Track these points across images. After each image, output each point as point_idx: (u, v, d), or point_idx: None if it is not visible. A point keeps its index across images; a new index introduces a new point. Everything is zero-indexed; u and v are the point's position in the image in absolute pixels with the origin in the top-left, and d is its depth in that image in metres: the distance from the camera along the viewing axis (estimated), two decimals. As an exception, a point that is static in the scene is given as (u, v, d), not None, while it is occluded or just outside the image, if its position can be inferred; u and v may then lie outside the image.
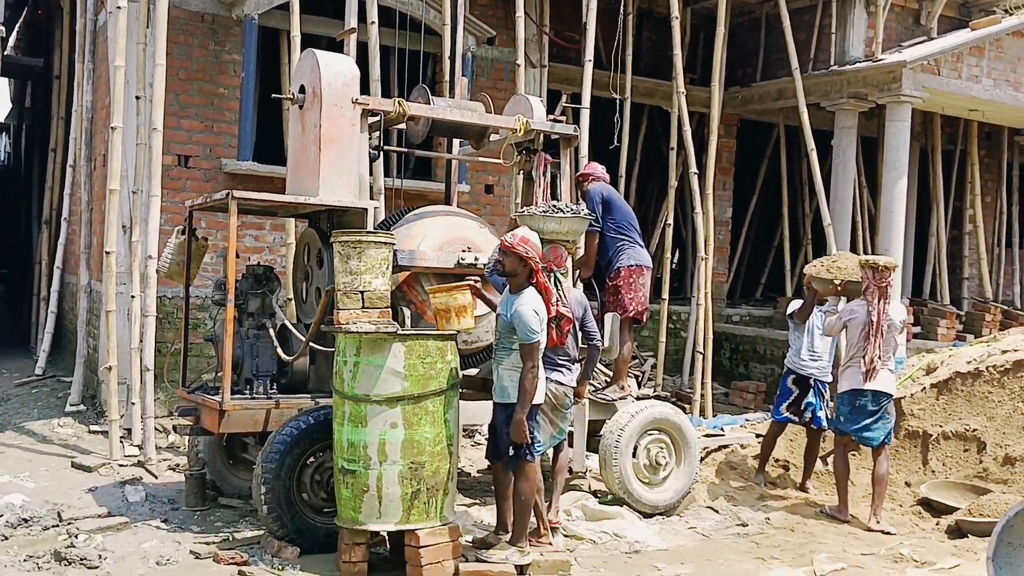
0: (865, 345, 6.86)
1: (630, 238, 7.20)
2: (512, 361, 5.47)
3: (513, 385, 5.41)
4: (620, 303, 7.12)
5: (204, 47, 9.20)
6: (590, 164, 7.65)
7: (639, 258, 7.19)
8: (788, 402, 7.63)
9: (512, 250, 5.43)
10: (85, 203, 9.77)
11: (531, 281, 5.47)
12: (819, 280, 7.32)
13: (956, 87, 11.50)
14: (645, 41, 12.89)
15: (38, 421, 8.60)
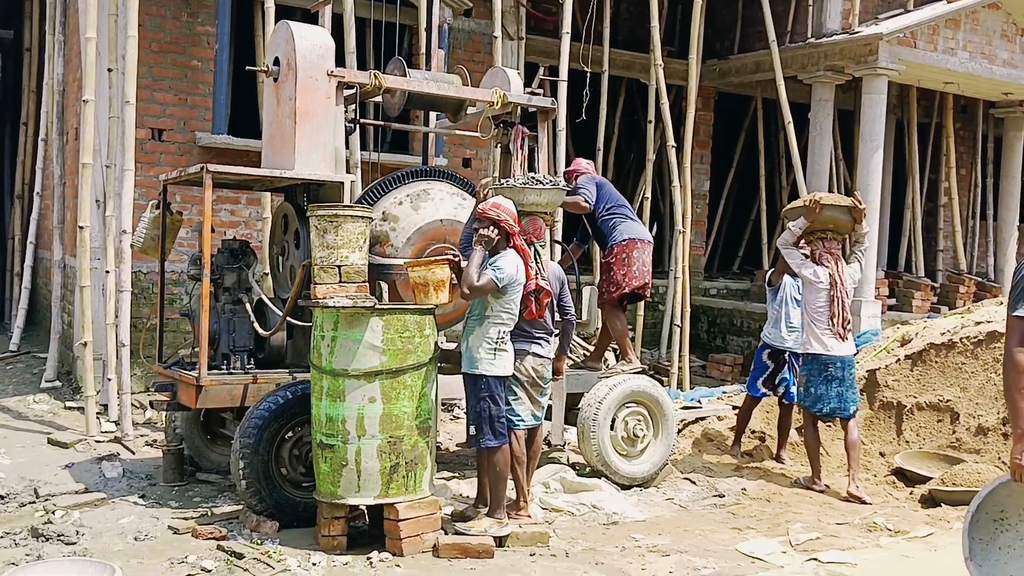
0: (831, 307, 6.89)
1: (621, 215, 7.18)
2: (482, 331, 5.52)
3: (481, 356, 5.48)
4: (613, 280, 7.06)
5: (177, 18, 9.07)
6: (576, 160, 7.61)
7: (631, 232, 7.12)
8: (764, 377, 7.66)
9: (485, 215, 5.54)
10: (58, 177, 9.65)
11: (509, 245, 5.56)
12: (793, 211, 7.19)
13: (932, 60, 11.54)
14: (623, 13, 12.85)
15: (13, 398, 8.53)
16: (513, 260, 5.54)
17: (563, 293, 6.22)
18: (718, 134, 13.86)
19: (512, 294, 5.55)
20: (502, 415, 5.54)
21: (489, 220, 5.55)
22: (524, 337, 5.79)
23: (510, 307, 5.56)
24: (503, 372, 5.56)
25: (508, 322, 5.58)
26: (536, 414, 5.91)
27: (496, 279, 5.44)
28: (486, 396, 5.50)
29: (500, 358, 5.54)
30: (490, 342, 5.52)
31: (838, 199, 7.14)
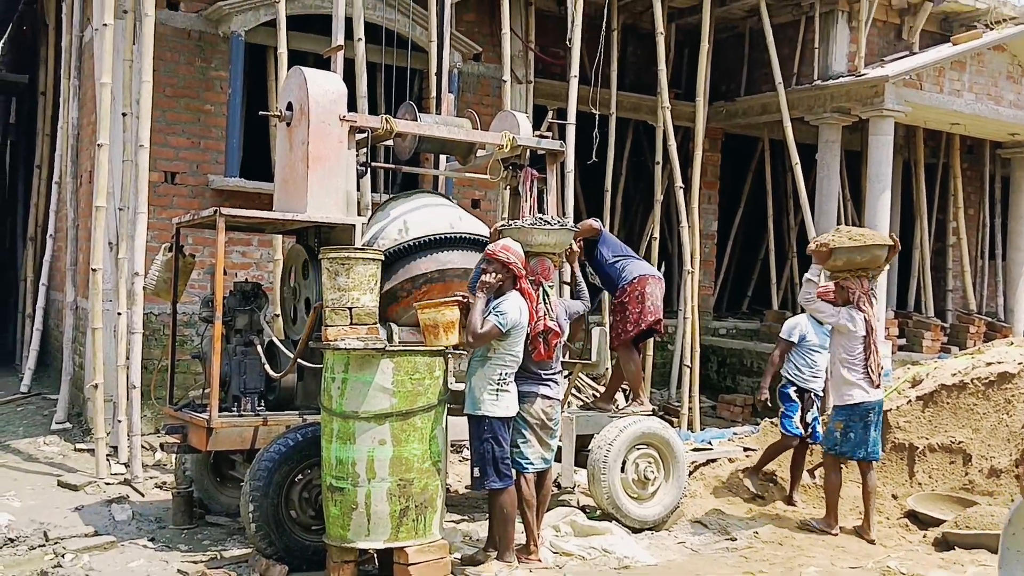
0: (867, 355, 6.74)
1: (630, 256, 7.23)
2: (484, 372, 5.55)
3: (484, 397, 5.51)
4: (628, 319, 7.06)
5: (191, 64, 9.21)
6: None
7: (641, 269, 7.16)
8: (799, 414, 7.55)
9: (494, 257, 5.59)
10: (71, 220, 9.74)
11: (515, 287, 5.60)
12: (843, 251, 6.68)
13: (938, 101, 11.61)
14: (630, 56, 12.97)
15: (23, 439, 8.54)
16: (516, 303, 5.57)
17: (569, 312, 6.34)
18: (726, 174, 13.93)
19: (515, 336, 5.57)
20: (506, 456, 5.53)
21: (499, 262, 5.58)
22: (532, 379, 5.79)
23: (513, 349, 5.58)
24: (506, 413, 5.56)
25: (511, 363, 5.59)
26: (546, 457, 5.89)
27: (499, 324, 5.46)
28: (489, 437, 5.50)
29: (503, 399, 5.54)
30: (492, 383, 5.53)
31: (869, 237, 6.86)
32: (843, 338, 6.81)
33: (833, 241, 6.75)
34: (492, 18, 10.58)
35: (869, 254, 6.74)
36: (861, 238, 6.81)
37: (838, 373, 6.85)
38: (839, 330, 6.82)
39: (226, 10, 9.01)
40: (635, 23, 12.51)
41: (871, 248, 6.74)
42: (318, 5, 9.29)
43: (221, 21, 9.15)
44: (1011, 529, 3.80)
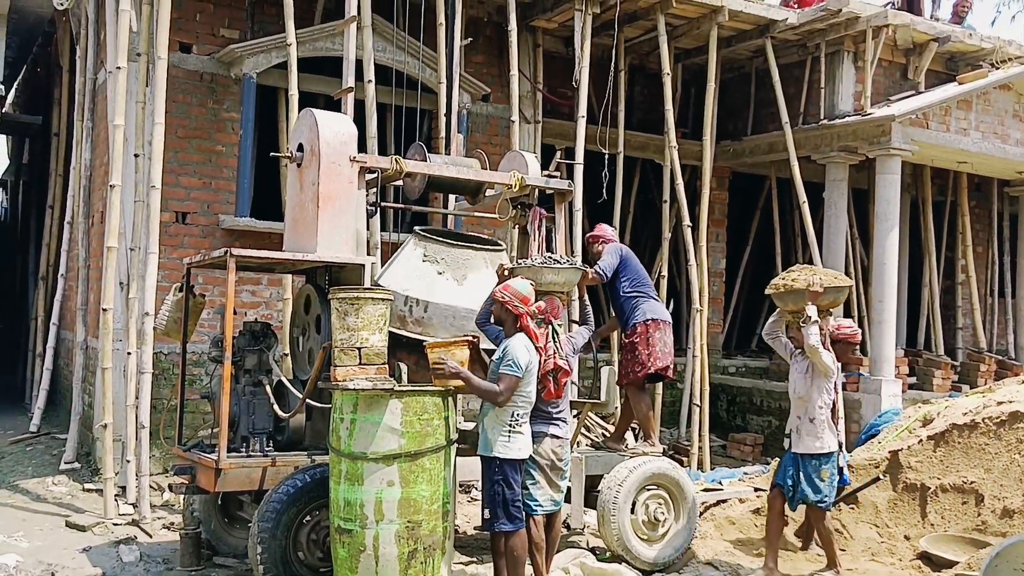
0: (835, 398, 6.59)
1: (644, 294, 7.20)
2: (496, 413, 5.53)
3: (496, 438, 5.48)
4: (638, 360, 7.05)
5: (203, 105, 9.31)
6: (599, 226, 7.60)
7: (654, 312, 7.13)
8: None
9: (494, 298, 5.71)
10: (82, 260, 9.81)
11: (518, 327, 5.62)
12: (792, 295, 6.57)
13: (945, 140, 11.65)
14: (637, 96, 13.06)
15: (32, 479, 8.54)
16: (521, 343, 5.55)
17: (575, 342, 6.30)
18: (733, 212, 13.96)
19: (526, 377, 5.55)
20: (517, 499, 5.50)
21: (499, 304, 5.65)
22: (542, 418, 5.78)
23: (524, 389, 5.56)
24: (518, 455, 5.53)
25: (523, 404, 5.56)
26: (555, 499, 5.86)
27: (514, 373, 5.44)
28: (500, 479, 5.48)
29: (515, 440, 5.52)
30: (505, 424, 5.51)
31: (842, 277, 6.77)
32: (826, 382, 6.58)
33: (823, 281, 6.57)
34: (500, 59, 10.69)
35: (843, 295, 6.77)
36: (838, 278, 6.75)
37: (820, 419, 6.57)
38: (826, 374, 6.56)
39: (238, 53, 9.13)
40: (642, 63, 12.62)
41: (844, 289, 6.73)
42: (329, 48, 9.40)
43: (233, 64, 9.26)
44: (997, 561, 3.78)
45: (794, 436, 6.69)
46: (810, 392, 6.59)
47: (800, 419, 6.65)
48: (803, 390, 6.64)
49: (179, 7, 8.92)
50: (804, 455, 6.61)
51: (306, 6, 9.57)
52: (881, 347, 11.27)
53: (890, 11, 11.57)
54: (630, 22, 11.03)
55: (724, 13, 10.84)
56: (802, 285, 6.54)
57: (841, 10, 11.14)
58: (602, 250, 7.29)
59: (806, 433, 6.60)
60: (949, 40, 12.13)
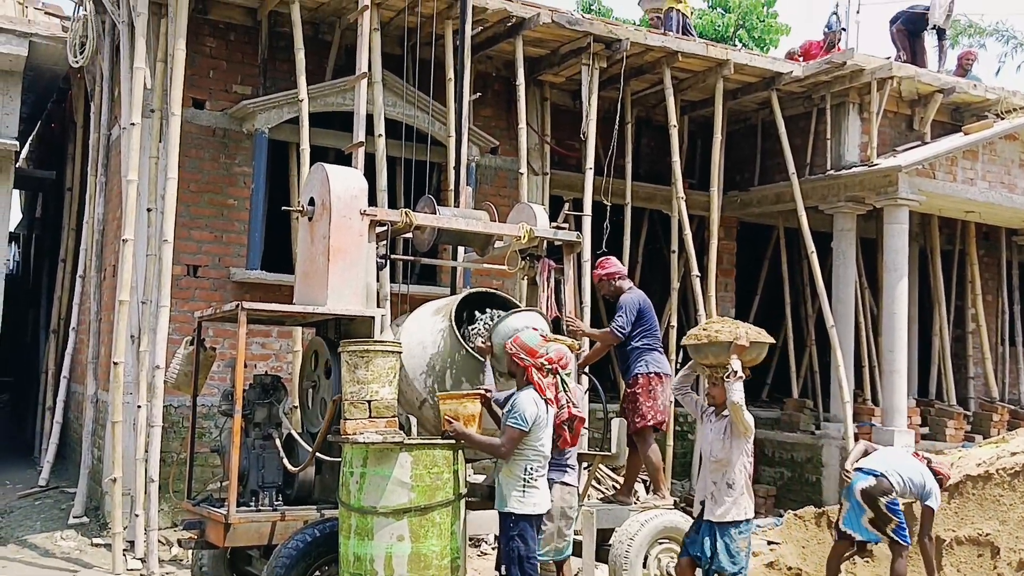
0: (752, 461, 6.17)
1: (651, 345, 7.20)
2: (510, 468, 5.50)
3: (511, 493, 5.44)
4: (639, 411, 7.05)
5: (215, 160, 9.43)
6: (609, 260, 7.51)
7: (659, 366, 7.14)
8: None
9: (506, 350, 5.71)
10: (94, 313, 9.86)
11: (526, 380, 5.61)
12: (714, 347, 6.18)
13: (952, 190, 11.69)
14: (644, 147, 13.17)
15: (41, 534, 8.50)
16: (530, 397, 5.51)
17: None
18: (742, 262, 13.98)
19: (537, 431, 5.50)
20: (533, 555, 5.44)
21: (508, 357, 5.67)
22: (553, 466, 5.74)
23: (536, 444, 5.50)
24: (534, 511, 5.47)
25: (535, 458, 5.50)
26: (559, 547, 5.81)
27: (519, 426, 5.42)
28: (515, 535, 5.43)
29: (530, 495, 5.46)
30: (518, 479, 5.47)
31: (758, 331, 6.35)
32: (746, 443, 6.15)
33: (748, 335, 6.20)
34: (509, 113, 10.82)
35: (764, 351, 6.36)
36: (761, 334, 6.33)
37: (739, 483, 6.10)
38: (746, 433, 6.11)
39: (251, 108, 9.27)
40: (648, 115, 12.75)
41: (766, 345, 6.35)
42: (339, 103, 9.53)
43: (246, 119, 9.39)
44: None
45: (708, 503, 6.14)
46: (729, 454, 6.10)
47: (716, 484, 6.11)
48: (721, 452, 6.13)
49: (193, 64, 9.09)
50: (721, 523, 6.07)
51: (317, 62, 9.72)
52: (893, 397, 11.21)
53: (894, 63, 11.71)
54: (636, 76, 11.17)
55: (729, 66, 10.97)
56: (727, 338, 6.13)
57: (845, 63, 11.27)
58: (618, 288, 7.28)
59: (724, 499, 6.08)
60: (954, 91, 12.23)
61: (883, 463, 7.11)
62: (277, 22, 9.64)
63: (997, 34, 26.85)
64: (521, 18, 9.81)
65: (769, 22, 21.36)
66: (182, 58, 8.28)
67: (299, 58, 8.76)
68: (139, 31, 8.35)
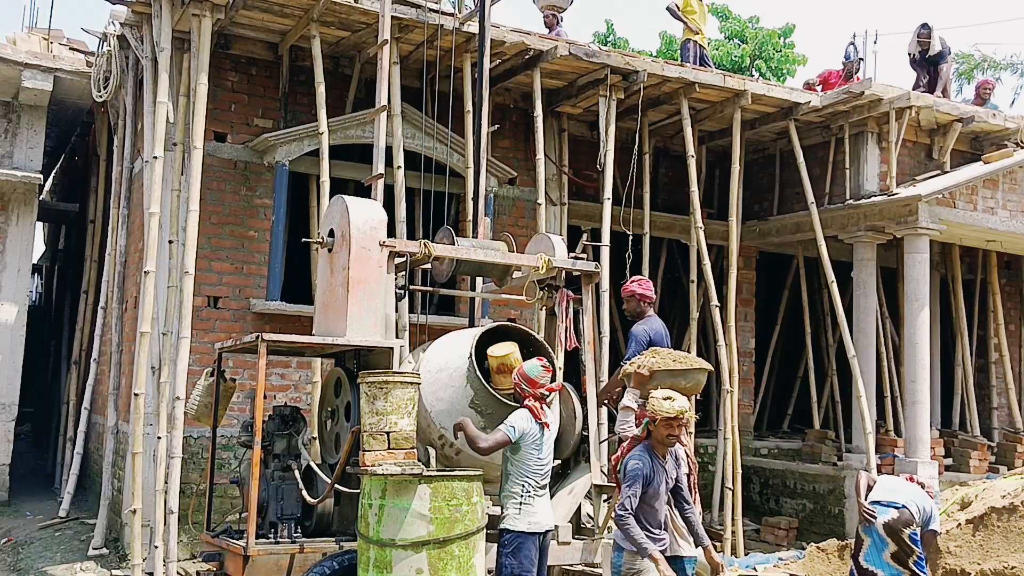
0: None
1: None
2: (507, 487, 5.68)
3: (508, 511, 5.62)
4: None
5: (236, 192, 9.51)
6: (647, 283, 7.46)
7: None
8: None
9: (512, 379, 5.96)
10: (115, 344, 9.92)
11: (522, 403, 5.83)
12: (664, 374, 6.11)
13: (972, 219, 11.63)
14: (662, 177, 13.20)
15: (60, 565, 8.51)
16: (524, 414, 5.73)
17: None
18: (761, 292, 13.93)
19: (526, 449, 5.68)
20: (526, 573, 5.51)
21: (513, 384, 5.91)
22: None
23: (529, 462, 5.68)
24: (527, 528, 5.58)
25: (532, 477, 5.69)
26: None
27: (506, 434, 5.63)
28: (508, 552, 5.56)
29: (524, 514, 5.61)
30: (514, 496, 5.66)
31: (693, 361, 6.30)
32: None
33: (655, 364, 6.17)
34: (527, 143, 10.88)
35: (693, 379, 6.21)
36: (685, 361, 6.28)
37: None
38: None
39: (271, 141, 9.36)
40: (666, 146, 12.78)
41: (694, 373, 6.21)
42: (359, 135, 9.61)
43: (267, 152, 9.48)
44: None
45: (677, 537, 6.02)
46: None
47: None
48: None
49: (215, 98, 9.20)
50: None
51: (337, 95, 9.82)
52: (915, 428, 11.09)
53: (912, 92, 11.69)
54: (654, 106, 11.22)
55: (747, 96, 10.99)
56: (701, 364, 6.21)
57: (864, 92, 11.27)
58: (641, 311, 7.24)
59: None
60: (973, 120, 12.20)
61: (900, 494, 7.02)
62: (298, 56, 9.75)
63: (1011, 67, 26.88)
64: (539, 51, 9.88)
65: (786, 52, 21.41)
66: (204, 92, 8.37)
67: (319, 92, 8.84)
68: (162, 66, 8.47)
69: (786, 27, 21.61)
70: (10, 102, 11.36)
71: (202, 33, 8.41)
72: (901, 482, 7.31)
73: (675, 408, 5.58)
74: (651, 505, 5.63)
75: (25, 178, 11.23)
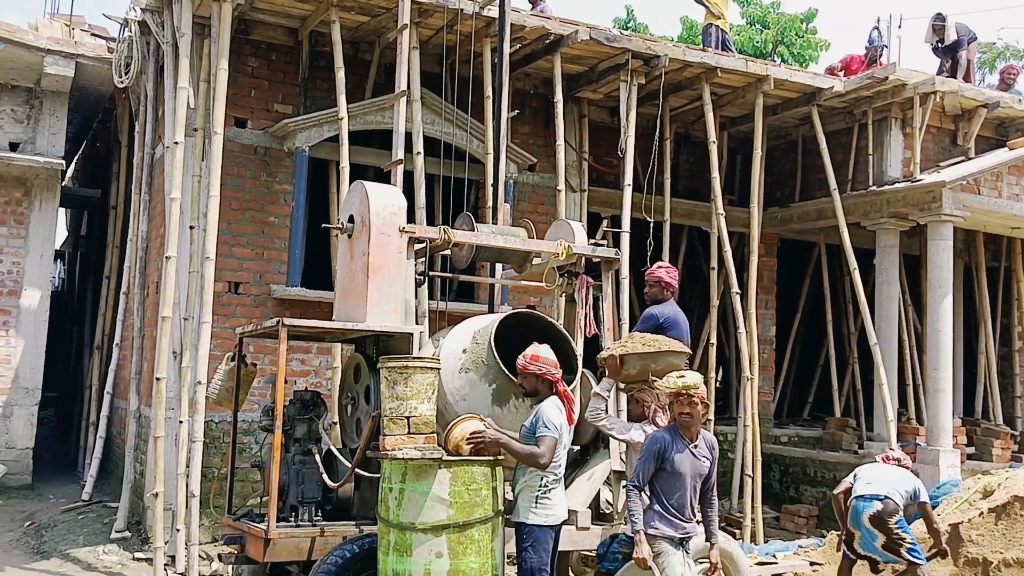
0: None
1: None
2: (527, 480, 5.53)
3: (525, 504, 5.49)
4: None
5: (256, 178, 9.53)
6: (675, 274, 7.40)
7: None
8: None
9: (526, 371, 5.65)
10: (137, 329, 9.99)
11: (551, 392, 5.62)
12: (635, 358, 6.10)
13: (997, 206, 11.51)
14: (683, 164, 13.14)
15: (83, 548, 8.59)
16: (554, 405, 5.56)
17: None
18: (782, 279, 13.85)
19: (563, 439, 5.55)
20: (544, 566, 5.42)
21: (532, 375, 5.64)
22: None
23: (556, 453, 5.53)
24: (547, 522, 5.50)
25: (552, 470, 5.52)
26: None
27: (553, 436, 5.44)
28: (527, 546, 5.45)
29: (544, 507, 5.50)
30: (534, 490, 5.51)
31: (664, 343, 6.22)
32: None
33: (624, 348, 6.19)
34: (547, 130, 10.84)
35: (664, 361, 6.14)
36: (655, 344, 6.23)
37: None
38: (634, 448, 6.08)
39: (292, 127, 9.37)
40: (687, 131, 12.71)
41: (666, 355, 6.17)
42: (379, 121, 9.61)
43: (287, 137, 9.49)
44: None
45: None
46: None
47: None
48: None
49: (235, 83, 9.21)
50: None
51: (357, 81, 9.81)
52: (938, 416, 11.01)
53: (937, 78, 11.56)
54: (675, 92, 11.14)
55: (769, 82, 10.91)
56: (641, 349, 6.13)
57: (887, 77, 11.16)
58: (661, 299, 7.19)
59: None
60: (998, 106, 12.06)
61: (881, 485, 7.03)
62: (318, 42, 9.75)
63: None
64: (559, 35, 9.83)
65: (808, 38, 21.23)
66: (224, 78, 8.38)
67: (339, 77, 8.84)
68: (183, 52, 8.48)
69: (808, 12, 21.43)
70: (32, 88, 11.43)
71: (222, 18, 8.42)
72: (880, 469, 7.29)
73: (679, 384, 5.53)
74: (669, 485, 5.55)
75: (47, 164, 11.30)
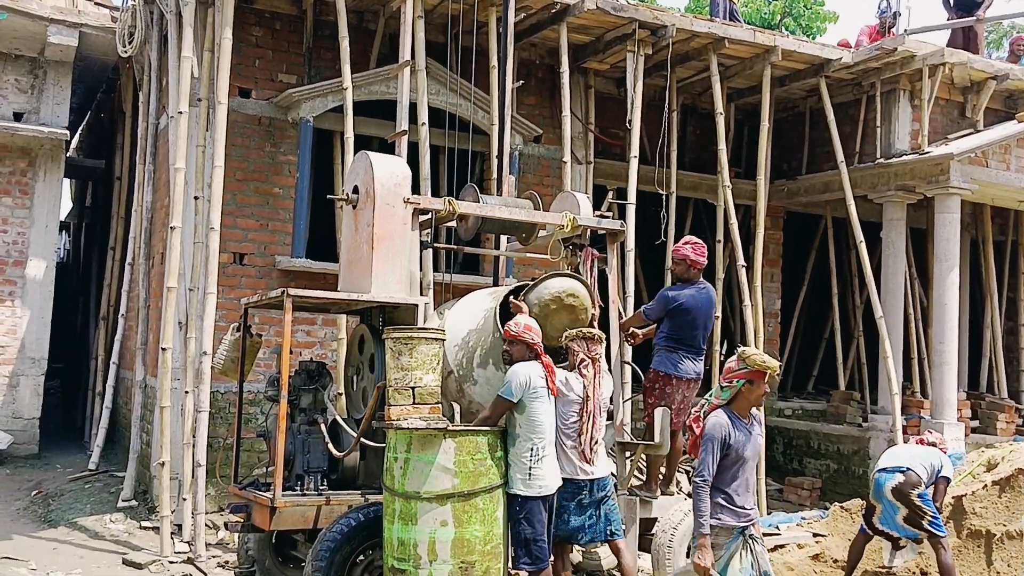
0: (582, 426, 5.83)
1: (672, 347, 7.07)
2: (516, 450, 5.54)
3: (515, 475, 5.49)
4: (646, 406, 7.11)
5: (261, 149, 9.50)
6: (702, 247, 7.28)
7: (673, 367, 7.01)
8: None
9: (519, 338, 5.68)
10: (142, 300, 10.00)
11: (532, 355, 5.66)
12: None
13: (1005, 179, 11.44)
14: (689, 136, 13.05)
15: (90, 517, 8.65)
16: (524, 370, 5.56)
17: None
18: (788, 252, 13.82)
19: (533, 407, 5.54)
20: (540, 537, 5.44)
21: (523, 344, 5.68)
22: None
23: (534, 421, 5.53)
24: (538, 492, 5.51)
25: (538, 438, 5.53)
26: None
27: (505, 398, 5.50)
28: (520, 517, 5.47)
29: (535, 477, 5.51)
30: (523, 460, 5.51)
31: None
32: (560, 405, 5.84)
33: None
34: (552, 101, 10.78)
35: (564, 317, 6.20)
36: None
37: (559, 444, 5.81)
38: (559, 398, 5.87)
39: (296, 97, 9.32)
40: (694, 103, 12.63)
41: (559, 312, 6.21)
42: (383, 91, 9.55)
43: (291, 108, 9.45)
44: None
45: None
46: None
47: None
48: None
49: (239, 53, 9.15)
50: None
51: (361, 51, 9.75)
52: (942, 390, 11.02)
53: (946, 49, 11.45)
54: (682, 63, 11.06)
55: (777, 53, 10.81)
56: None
57: (896, 49, 11.05)
58: (685, 278, 7.15)
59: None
60: (1008, 78, 11.95)
61: (902, 458, 7.06)
62: (322, 11, 9.68)
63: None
64: (566, 4, 9.74)
65: (816, 9, 21.06)
66: (228, 47, 8.33)
67: (343, 47, 8.78)
68: (187, 21, 8.43)
69: (817, -17, 21.26)
70: (36, 58, 11.38)
71: (226, -13, 8.35)
72: (907, 447, 7.37)
73: (769, 365, 5.13)
74: (733, 472, 5.14)
75: (52, 134, 11.27)
